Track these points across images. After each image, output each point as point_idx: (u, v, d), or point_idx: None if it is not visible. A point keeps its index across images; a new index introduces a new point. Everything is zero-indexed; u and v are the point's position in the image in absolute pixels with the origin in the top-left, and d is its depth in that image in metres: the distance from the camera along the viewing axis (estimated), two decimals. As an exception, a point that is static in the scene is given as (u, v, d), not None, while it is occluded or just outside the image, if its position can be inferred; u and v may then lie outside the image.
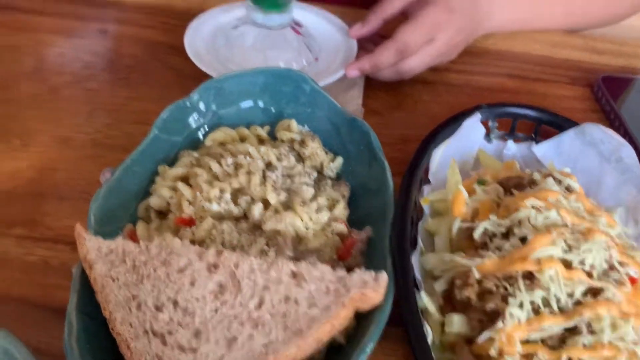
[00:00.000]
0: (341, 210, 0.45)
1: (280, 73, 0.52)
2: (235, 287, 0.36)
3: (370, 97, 0.62)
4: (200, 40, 0.62)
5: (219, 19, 0.65)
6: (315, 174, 0.48)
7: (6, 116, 0.56)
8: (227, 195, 0.44)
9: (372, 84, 0.63)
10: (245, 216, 0.44)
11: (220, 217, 0.43)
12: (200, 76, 0.57)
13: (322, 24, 0.66)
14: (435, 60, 0.63)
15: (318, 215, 0.43)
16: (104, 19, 0.69)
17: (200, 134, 0.50)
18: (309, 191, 0.45)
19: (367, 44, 0.65)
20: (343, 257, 0.42)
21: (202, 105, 0.50)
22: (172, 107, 0.49)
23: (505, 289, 0.39)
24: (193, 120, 0.50)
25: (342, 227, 0.44)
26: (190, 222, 0.42)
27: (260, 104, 0.52)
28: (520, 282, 0.38)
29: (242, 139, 0.50)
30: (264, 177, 0.45)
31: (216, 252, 0.37)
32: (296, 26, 0.63)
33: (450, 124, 0.51)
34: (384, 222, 0.43)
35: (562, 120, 0.53)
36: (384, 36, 0.63)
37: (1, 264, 0.44)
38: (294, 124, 0.50)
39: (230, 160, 0.46)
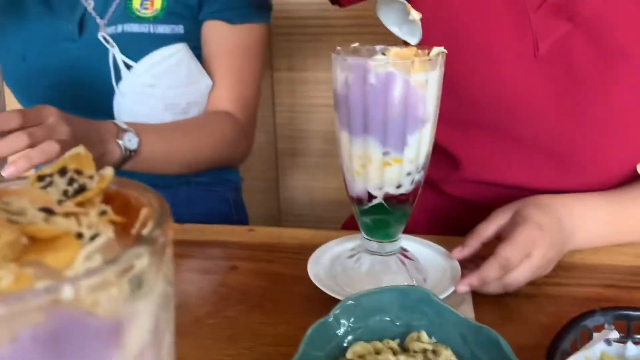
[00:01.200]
0: (487, 413, 0.47)
1: (405, 290, 0.59)
2: None
3: (480, 311, 0.67)
4: (320, 269, 0.71)
5: (335, 250, 0.75)
6: (452, 381, 0.51)
7: (160, 344, 0.63)
8: (379, 402, 0.47)
9: (479, 300, 0.69)
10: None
11: None
12: (322, 300, 0.64)
13: (425, 250, 0.75)
14: (534, 273, 0.69)
15: (469, 417, 0.46)
16: (232, 257, 0.80)
17: (339, 348, 0.55)
18: (454, 395, 0.48)
19: (468, 264, 0.72)
20: None
21: (342, 322, 0.56)
22: (317, 325, 0.55)
23: None
24: (334, 335, 0.56)
25: None
26: None
27: (390, 318, 0.58)
28: None
29: (377, 352, 0.55)
30: (410, 383, 0.49)
31: None
32: (404, 252, 0.72)
33: (569, 329, 0.55)
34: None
35: (675, 320, 0.56)
36: (482, 257, 0.71)
37: None
38: (424, 335, 0.55)
39: (376, 369, 0.50)
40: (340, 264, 0.73)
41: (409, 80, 0.60)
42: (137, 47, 0.95)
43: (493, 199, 0.86)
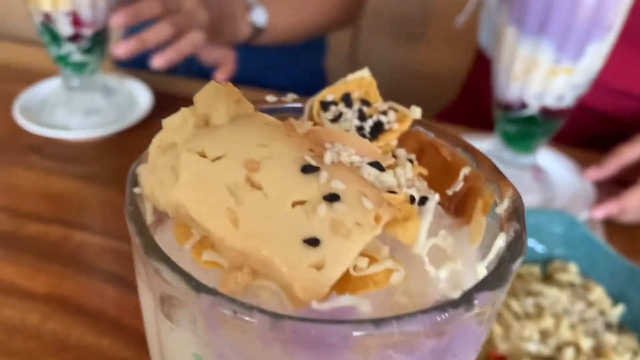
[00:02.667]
0: (643, 362, 0.46)
1: (555, 215, 0.55)
2: None
3: (611, 241, 0.64)
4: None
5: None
6: (599, 320, 0.50)
7: None
8: (536, 335, 0.46)
9: (610, 228, 0.65)
10: (552, 358, 0.46)
11: (531, 356, 0.45)
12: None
13: (556, 164, 0.70)
14: (677, 208, 0.65)
15: (631, 366, 0.44)
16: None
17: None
18: (611, 338, 0.46)
19: (601, 187, 0.68)
20: (655, 413, 0.43)
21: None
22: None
23: None
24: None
25: (651, 381, 0.45)
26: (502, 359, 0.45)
27: (532, 241, 0.55)
28: None
29: (519, 276, 0.53)
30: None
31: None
32: (536, 166, 0.67)
33: None
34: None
35: None
36: (617, 180, 0.66)
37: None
38: (573, 267, 0.53)
39: (530, 300, 0.48)
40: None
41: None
42: None
43: (628, 112, 0.79)
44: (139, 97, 0.78)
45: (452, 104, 1.02)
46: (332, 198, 0.17)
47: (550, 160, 0.70)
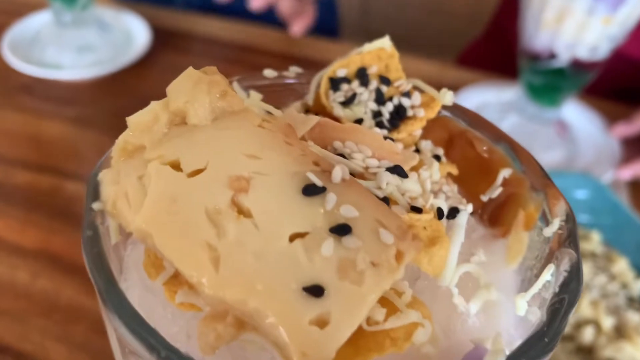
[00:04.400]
0: (666, 342, 0.43)
1: (574, 177, 0.52)
2: None
3: (634, 205, 0.61)
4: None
5: (487, 95, 0.66)
6: (621, 294, 0.47)
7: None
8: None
9: (634, 189, 0.61)
10: (569, 337, 0.43)
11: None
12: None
13: (582, 119, 0.66)
14: None
15: (653, 348, 0.42)
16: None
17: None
18: (634, 317, 0.44)
19: (631, 144, 0.64)
20: (674, 396, 0.41)
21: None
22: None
23: None
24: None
25: (673, 363, 0.42)
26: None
27: (553, 207, 0.52)
28: None
29: (536, 242, 0.50)
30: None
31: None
32: (561, 121, 0.63)
33: None
34: None
35: None
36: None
37: None
38: (596, 235, 0.50)
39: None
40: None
41: None
42: None
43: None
44: (137, 33, 0.73)
45: (474, 45, 0.96)
46: (341, 230, 0.13)
47: (576, 114, 0.65)
